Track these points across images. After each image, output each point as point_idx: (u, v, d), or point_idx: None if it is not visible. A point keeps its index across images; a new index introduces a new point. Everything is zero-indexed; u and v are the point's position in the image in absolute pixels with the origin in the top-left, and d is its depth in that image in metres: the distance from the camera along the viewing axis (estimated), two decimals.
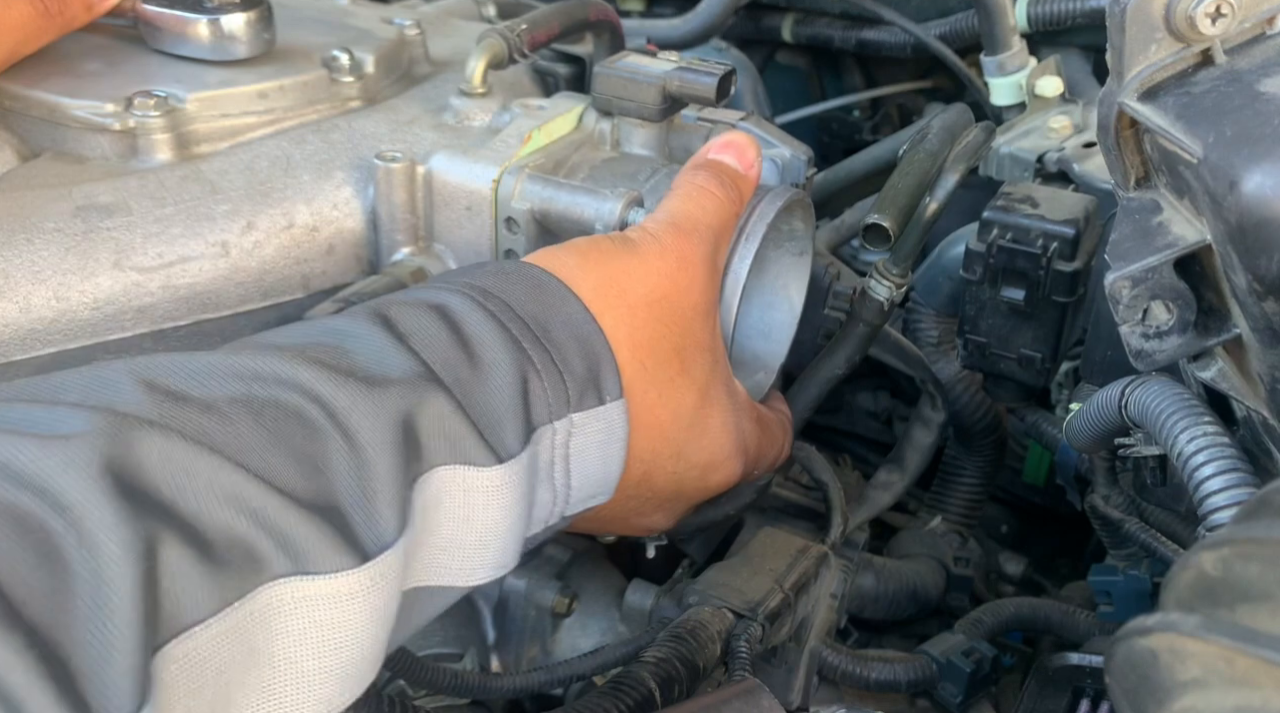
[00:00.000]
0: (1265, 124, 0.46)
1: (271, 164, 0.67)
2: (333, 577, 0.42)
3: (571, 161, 0.69)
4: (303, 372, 0.45)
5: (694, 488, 0.61)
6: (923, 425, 0.88)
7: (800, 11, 1.18)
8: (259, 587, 0.40)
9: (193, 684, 0.39)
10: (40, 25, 0.66)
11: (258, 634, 0.41)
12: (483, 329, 0.50)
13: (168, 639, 0.38)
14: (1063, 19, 1.01)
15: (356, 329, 0.49)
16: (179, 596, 0.38)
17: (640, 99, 0.69)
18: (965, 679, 0.71)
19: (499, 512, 0.49)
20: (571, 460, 0.53)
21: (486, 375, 0.49)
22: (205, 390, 0.43)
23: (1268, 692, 0.33)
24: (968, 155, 0.72)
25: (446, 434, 0.47)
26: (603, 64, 0.70)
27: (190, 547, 0.39)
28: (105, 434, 0.39)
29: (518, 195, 0.66)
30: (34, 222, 0.60)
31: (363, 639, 0.44)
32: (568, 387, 0.52)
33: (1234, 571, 0.36)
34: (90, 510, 0.37)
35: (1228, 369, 0.53)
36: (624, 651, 0.67)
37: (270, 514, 0.41)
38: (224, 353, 0.45)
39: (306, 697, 0.43)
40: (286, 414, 0.43)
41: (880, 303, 0.72)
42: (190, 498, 0.39)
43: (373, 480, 0.44)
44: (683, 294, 0.58)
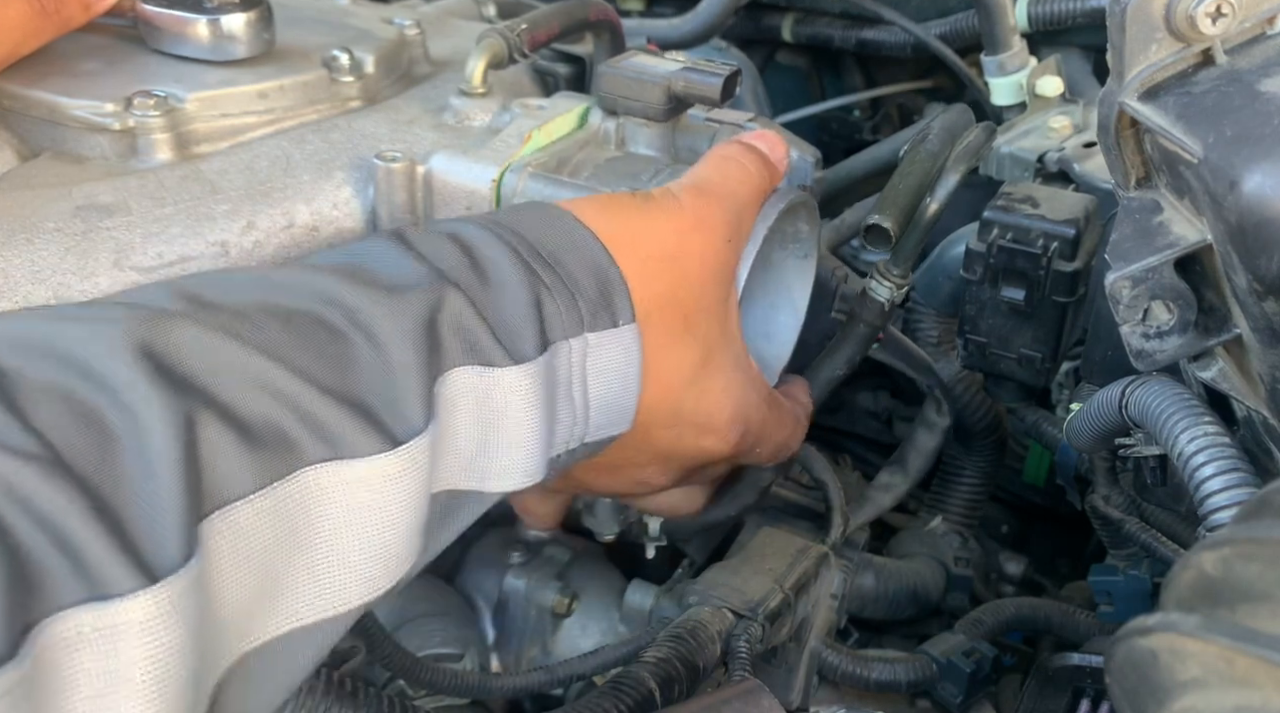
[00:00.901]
0: (1265, 124, 0.46)
1: (271, 164, 0.67)
2: (368, 460, 0.43)
3: (575, 160, 0.69)
4: (324, 281, 0.46)
5: (690, 447, 0.61)
6: (926, 429, 0.88)
7: (800, 11, 1.18)
8: (296, 470, 0.42)
9: (238, 557, 0.40)
10: (37, 25, 0.66)
11: (298, 517, 0.42)
12: (492, 249, 0.51)
13: (211, 510, 0.39)
14: (1063, 19, 1.01)
15: (373, 246, 0.50)
16: (219, 470, 0.40)
17: (645, 99, 0.68)
18: (965, 680, 0.71)
19: (519, 414, 0.50)
20: (589, 381, 0.54)
21: (498, 288, 0.51)
22: (233, 299, 0.44)
23: (1268, 692, 0.33)
24: (968, 156, 0.72)
25: (463, 334, 0.48)
26: (608, 63, 0.70)
27: (228, 427, 0.40)
28: (141, 320, 0.41)
29: (520, 193, 0.66)
30: (33, 221, 0.60)
31: (400, 523, 0.45)
32: (580, 307, 0.53)
33: (1234, 571, 0.36)
34: (131, 387, 0.38)
35: (1228, 369, 0.53)
36: (624, 651, 0.67)
37: (303, 402, 0.42)
38: (245, 269, 0.48)
39: (350, 578, 0.44)
40: (311, 319, 0.45)
41: (881, 304, 0.72)
42: (225, 383, 0.41)
43: (396, 375, 0.45)
44: (695, 255, 0.58)
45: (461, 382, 0.48)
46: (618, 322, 0.54)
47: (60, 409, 0.38)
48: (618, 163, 0.70)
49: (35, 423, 0.37)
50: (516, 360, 0.50)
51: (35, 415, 0.37)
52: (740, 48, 1.15)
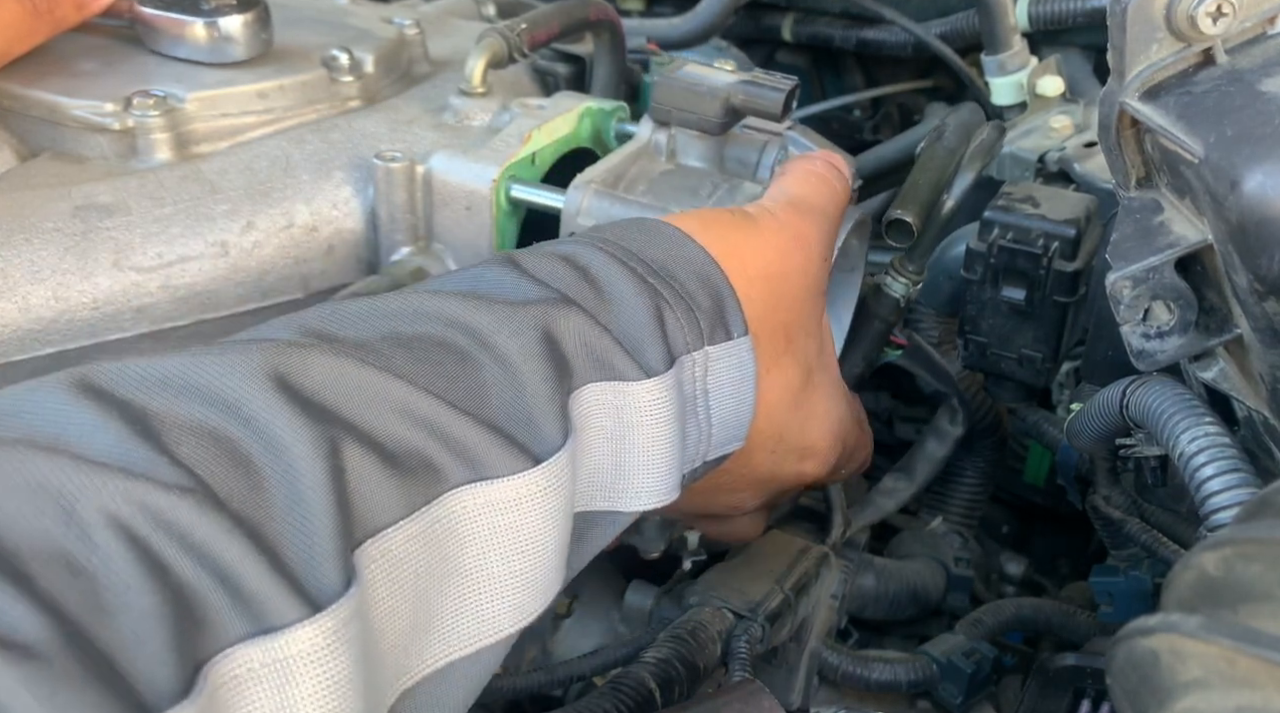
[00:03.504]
0: (1266, 124, 0.45)
1: (271, 164, 0.67)
2: (510, 479, 0.43)
3: (630, 174, 0.68)
4: (442, 304, 0.46)
5: (790, 472, 0.61)
6: (938, 438, 0.88)
7: (800, 11, 1.17)
8: (442, 494, 0.41)
9: (393, 586, 0.40)
10: (30, 25, 0.66)
11: (447, 542, 0.42)
12: (606, 268, 0.51)
13: (364, 538, 0.39)
14: (1064, 18, 1.00)
15: (485, 272, 0.50)
16: (367, 498, 0.39)
17: (701, 111, 0.67)
18: (966, 680, 0.71)
19: (653, 429, 0.49)
20: (710, 396, 0.53)
21: (618, 304, 0.50)
22: (354, 331, 0.44)
23: (1269, 692, 0.33)
24: (982, 154, 0.72)
25: (590, 349, 0.47)
26: (664, 74, 0.69)
27: (371, 453, 0.40)
28: (273, 352, 0.40)
29: (584, 212, 0.65)
30: (33, 221, 0.60)
31: (546, 543, 0.44)
32: (699, 319, 0.52)
33: (1235, 571, 0.36)
34: (273, 418, 0.38)
35: (1229, 369, 0.53)
36: (624, 651, 0.67)
37: (442, 425, 0.42)
38: (363, 300, 0.47)
39: (500, 604, 0.44)
40: (435, 344, 0.44)
41: (896, 300, 0.72)
42: (362, 410, 0.41)
43: (529, 393, 0.45)
44: (796, 273, 0.57)
45: (594, 398, 0.47)
46: (732, 334, 0.53)
47: (204, 443, 0.37)
48: (673, 176, 0.69)
49: (182, 458, 0.37)
50: (648, 374, 0.49)
51: (181, 451, 0.37)
52: (740, 47, 1.15)
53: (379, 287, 0.65)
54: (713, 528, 0.68)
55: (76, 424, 0.37)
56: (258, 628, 0.35)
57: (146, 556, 0.34)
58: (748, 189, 0.68)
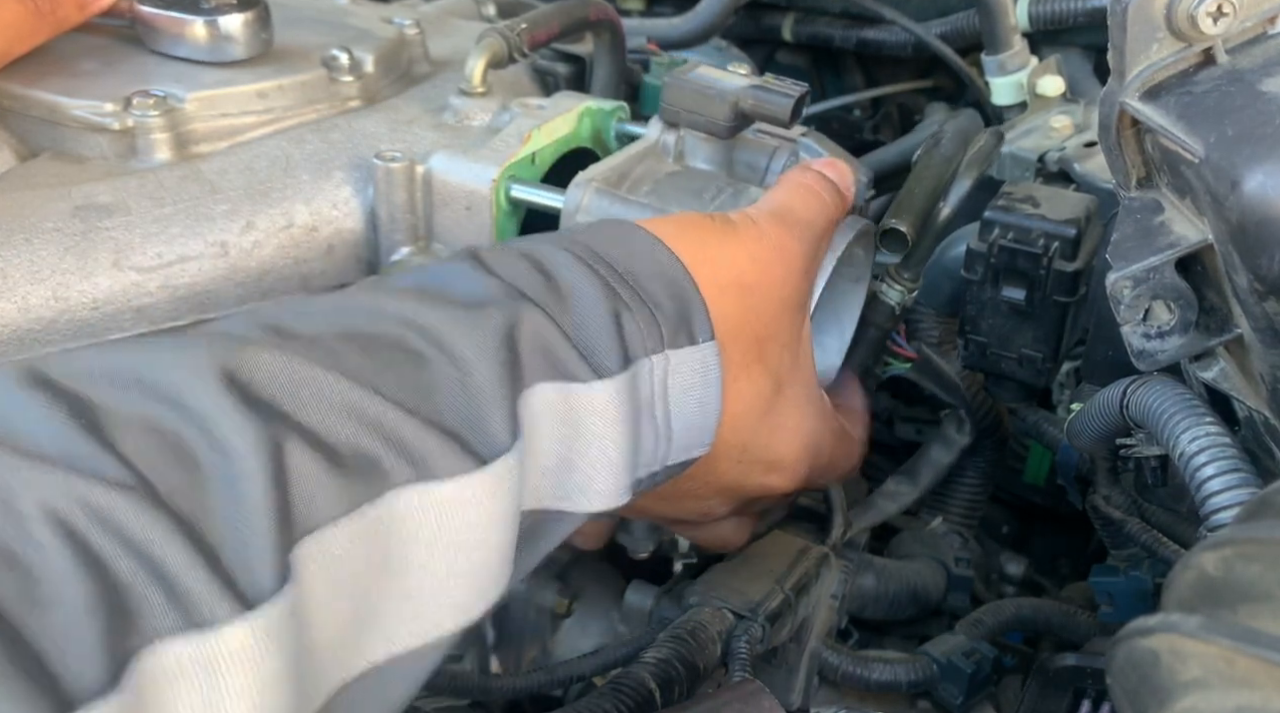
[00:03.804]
0: (1267, 124, 0.45)
1: (271, 164, 0.67)
2: (455, 480, 0.43)
3: (635, 174, 0.68)
4: (399, 303, 0.46)
5: (755, 484, 0.61)
6: (944, 445, 0.88)
7: (800, 11, 1.17)
8: (384, 493, 0.41)
9: (331, 583, 0.40)
10: (32, 25, 0.66)
11: (389, 540, 0.42)
12: (568, 269, 0.51)
13: (302, 535, 0.39)
14: (1064, 18, 1.00)
15: (447, 267, 0.50)
16: (309, 495, 0.39)
17: (710, 114, 0.67)
18: (966, 680, 0.71)
19: (604, 431, 0.49)
20: (671, 401, 0.53)
21: (576, 305, 0.50)
22: (309, 327, 0.44)
23: (1269, 692, 0.33)
24: (980, 161, 0.72)
25: (543, 349, 0.48)
26: (673, 75, 0.68)
27: (314, 451, 0.40)
28: (223, 348, 0.41)
29: (584, 210, 0.65)
30: (33, 221, 0.60)
31: (490, 544, 0.44)
32: (660, 324, 0.52)
33: (1235, 571, 0.36)
34: (218, 415, 0.38)
35: (1229, 369, 0.53)
36: (624, 651, 0.67)
37: (387, 425, 0.42)
38: (321, 296, 0.47)
39: (443, 601, 0.44)
40: (388, 343, 0.44)
41: (891, 307, 0.72)
42: (308, 408, 0.41)
43: (478, 393, 0.45)
44: (774, 285, 0.57)
45: (544, 398, 0.47)
46: (696, 340, 0.53)
47: (149, 439, 0.37)
48: (678, 178, 0.68)
49: (126, 453, 0.37)
50: (600, 375, 0.48)
51: (125, 446, 0.37)
52: (740, 47, 1.15)
53: None
54: (692, 534, 0.68)
55: (22, 415, 0.37)
56: (188, 624, 0.35)
57: (83, 550, 0.34)
58: (752, 194, 0.68)
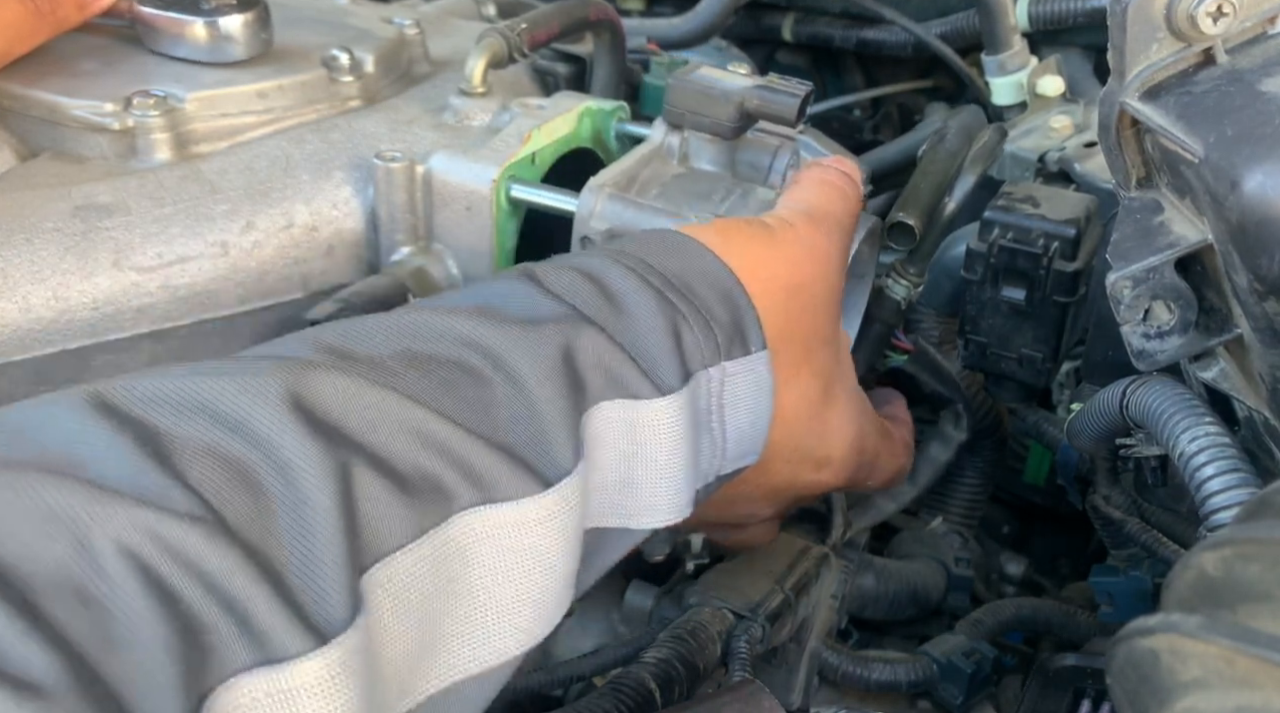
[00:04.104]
0: (1266, 124, 0.45)
1: (271, 164, 0.67)
2: (519, 503, 0.43)
3: (642, 177, 0.68)
4: (458, 323, 0.46)
5: (806, 482, 0.61)
6: (942, 443, 0.88)
7: (800, 11, 1.17)
8: (450, 516, 0.41)
9: (399, 610, 0.40)
10: (32, 25, 0.66)
11: (454, 564, 0.42)
12: (624, 282, 0.50)
13: (370, 564, 0.39)
14: (1064, 18, 1.00)
15: (503, 286, 0.50)
16: (376, 522, 0.39)
17: (715, 115, 0.67)
18: (966, 680, 0.71)
19: (666, 446, 0.49)
20: (726, 411, 0.52)
21: (635, 319, 0.49)
22: (368, 348, 0.44)
23: (1269, 692, 0.33)
24: (984, 157, 0.72)
25: (605, 368, 0.47)
26: (677, 76, 0.68)
27: (381, 476, 0.40)
28: (288, 372, 0.40)
29: (597, 215, 0.65)
30: (33, 221, 0.60)
31: (554, 566, 0.44)
32: (716, 334, 0.51)
33: (1235, 571, 0.36)
34: (284, 441, 0.38)
35: (1229, 369, 0.53)
36: (624, 651, 0.67)
37: (453, 447, 0.42)
38: (379, 316, 0.47)
39: (506, 625, 0.43)
40: (449, 363, 0.44)
41: (897, 302, 0.72)
42: (373, 432, 0.41)
43: (542, 414, 0.44)
44: (813, 284, 0.57)
45: (607, 416, 0.47)
46: (750, 349, 0.53)
47: (215, 467, 0.37)
48: (685, 180, 0.68)
49: (193, 483, 0.36)
50: (663, 392, 0.48)
51: (192, 475, 0.37)
52: (740, 47, 1.15)
53: (379, 287, 0.65)
54: (726, 536, 0.68)
55: (89, 445, 0.36)
56: (263, 659, 0.35)
57: (157, 585, 0.34)
58: (760, 194, 0.68)
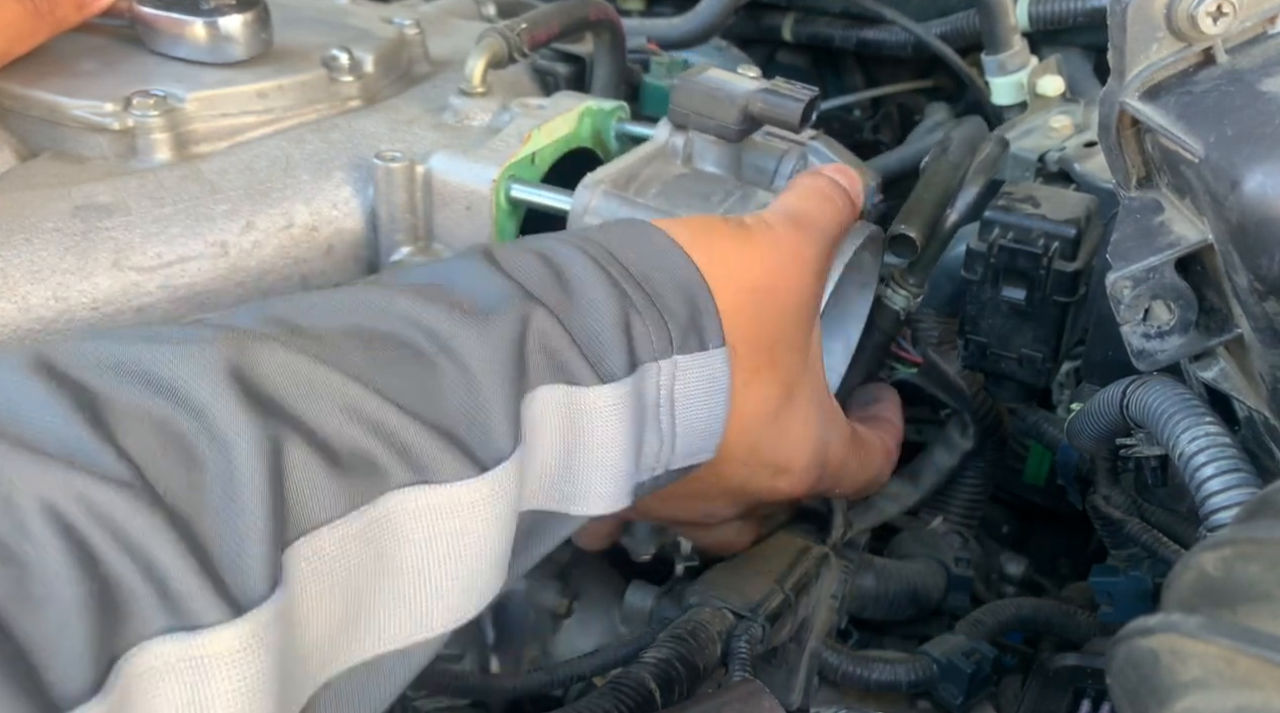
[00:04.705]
0: (1267, 123, 0.45)
1: (271, 164, 0.67)
2: (454, 485, 0.43)
3: (643, 176, 0.68)
4: (405, 302, 0.46)
5: (762, 486, 0.60)
6: (946, 449, 0.88)
7: (800, 11, 1.18)
8: (383, 494, 0.41)
9: (323, 584, 0.40)
10: (31, 25, 0.66)
11: (385, 541, 0.42)
12: (580, 268, 0.50)
13: (296, 537, 0.39)
14: (1064, 18, 1.00)
15: (458, 264, 0.50)
16: (305, 496, 0.39)
17: (720, 117, 0.67)
18: (966, 680, 0.71)
19: (606, 435, 0.49)
20: (677, 405, 0.52)
21: (585, 306, 0.49)
22: (316, 322, 0.44)
23: (1269, 692, 0.33)
24: (987, 169, 0.72)
25: (549, 351, 0.47)
26: (683, 77, 0.68)
27: (314, 451, 0.40)
28: (230, 343, 0.41)
29: (591, 211, 0.65)
30: (33, 221, 0.60)
31: (486, 550, 0.44)
32: (669, 327, 0.51)
33: (1235, 571, 0.36)
34: (220, 411, 0.38)
35: (1229, 369, 0.53)
36: (624, 651, 0.67)
37: (390, 426, 0.42)
38: (331, 291, 0.47)
39: (435, 604, 0.44)
40: (395, 343, 0.44)
41: (896, 312, 0.72)
42: (311, 407, 0.41)
43: (483, 398, 0.45)
44: (787, 290, 0.57)
45: (548, 400, 0.47)
46: (706, 345, 0.53)
47: (149, 434, 0.37)
48: (686, 181, 0.68)
49: (126, 448, 0.37)
50: (604, 379, 0.48)
51: (125, 440, 0.37)
52: (740, 47, 1.15)
53: None
54: (695, 535, 0.68)
55: (26, 402, 0.37)
56: (178, 625, 0.35)
57: (78, 546, 0.34)
58: (760, 197, 0.68)
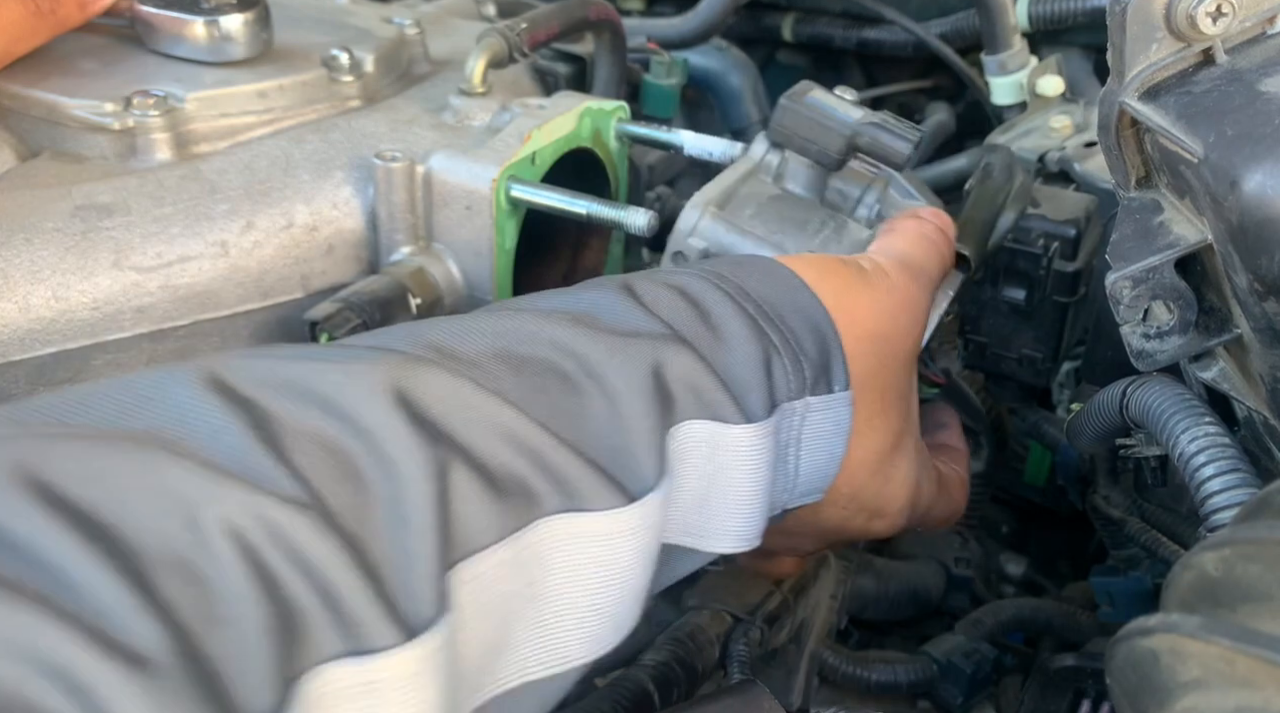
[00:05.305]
0: (1266, 123, 0.45)
1: (271, 164, 0.67)
2: (603, 514, 0.43)
3: (739, 194, 0.69)
4: (556, 329, 0.46)
5: (856, 529, 0.60)
6: None
7: (801, 10, 1.18)
8: (535, 520, 0.41)
9: (481, 609, 0.40)
10: (33, 25, 0.65)
11: (534, 568, 0.42)
12: (722, 306, 0.50)
13: (458, 560, 0.39)
14: (1064, 18, 1.00)
15: (602, 296, 0.50)
16: (467, 520, 0.40)
17: (824, 144, 0.67)
18: (966, 680, 0.71)
19: (745, 474, 0.49)
20: (803, 446, 0.52)
21: (729, 345, 0.50)
22: (466, 346, 0.44)
23: (1269, 692, 0.33)
24: (1023, 196, 0.73)
25: (695, 387, 0.47)
26: (790, 98, 0.68)
27: (475, 475, 0.40)
28: (394, 366, 0.41)
29: (697, 233, 0.65)
30: (33, 221, 0.60)
31: (629, 580, 0.44)
32: (804, 368, 0.51)
33: (1235, 571, 0.36)
34: (388, 434, 0.38)
35: (1229, 369, 0.53)
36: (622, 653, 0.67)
37: (544, 453, 0.42)
38: (477, 315, 0.47)
39: (577, 634, 0.44)
40: (544, 368, 0.45)
41: None
42: (471, 431, 0.41)
43: (630, 428, 0.45)
44: (899, 337, 0.57)
45: (692, 435, 0.47)
46: (833, 387, 0.53)
47: (319, 453, 0.37)
48: (781, 204, 0.69)
49: (300, 468, 0.37)
50: (749, 418, 0.48)
51: (299, 460, 0.37)
52: (740, 47, 1.15)
53: (379, 286, 0.65)
54: (755, 562, 0.68)
55: (201, 421, 0.37)
56: (353, 648, 0.35)
57: (259, 568, 0.34)
58: (853, 231, 0.69)
